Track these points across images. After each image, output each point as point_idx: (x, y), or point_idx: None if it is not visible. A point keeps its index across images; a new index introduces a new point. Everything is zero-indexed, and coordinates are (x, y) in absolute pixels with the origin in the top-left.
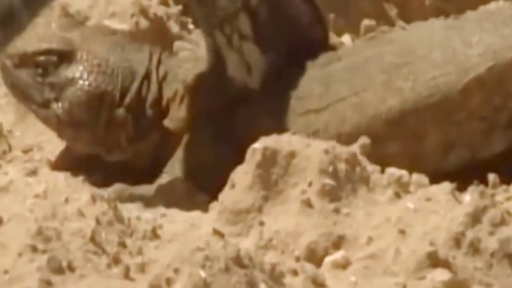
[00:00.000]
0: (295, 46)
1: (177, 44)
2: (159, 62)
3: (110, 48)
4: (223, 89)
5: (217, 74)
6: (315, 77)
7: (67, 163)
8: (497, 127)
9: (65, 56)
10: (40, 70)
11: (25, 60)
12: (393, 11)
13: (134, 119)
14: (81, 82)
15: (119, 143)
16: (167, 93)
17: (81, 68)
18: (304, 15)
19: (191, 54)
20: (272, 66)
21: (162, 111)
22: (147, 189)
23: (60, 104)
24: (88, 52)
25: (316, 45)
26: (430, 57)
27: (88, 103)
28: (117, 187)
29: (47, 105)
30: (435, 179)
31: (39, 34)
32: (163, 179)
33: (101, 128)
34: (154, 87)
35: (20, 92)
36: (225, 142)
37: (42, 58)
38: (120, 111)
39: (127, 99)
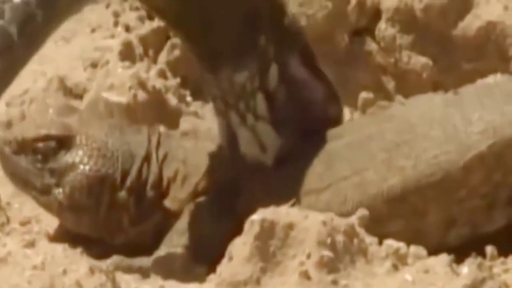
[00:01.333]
0: (310, 126)
1: (182, 120)
2: (158, 143)
3: (108, 131)
4: (233, 166)
5: (228, 151)
6: (317, 155)
7: (65, 235)
8: (498, 203)
9: (64, 142)
10: (39, 156)
11: (24, 147)
12: (390, 84)
13: (136, 201)
14: (81, 166)
15: (122, 226)
16: (168, 173)
17: (80, 152)
18: (319, 94)
19: (192, 132)
20: (286, 146)
21: (163, 192)
22: (145, 261)
23: (61, 190)
24: (86, 137)
25: (331, 123)
26: (430, 134)
27: (90, 187)
28: (115, 259)
29: (48, 191)
30: (432, 251)
31: (36, 119)
32: (161, 251)
33: (103, 212)
34: (154, 168)
35: (20, 179)
36: (225, 217)
37: (41, 144)
38: (122, 194)
39: (128, 182)
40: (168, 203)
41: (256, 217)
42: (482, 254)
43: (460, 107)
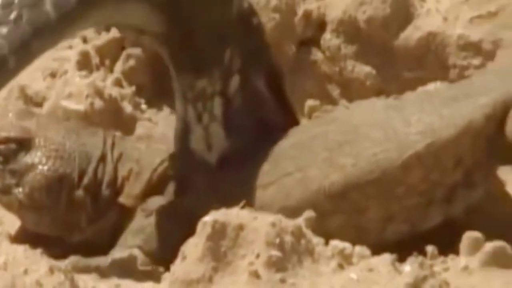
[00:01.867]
0: (261, 131)
1: (137, 125)
2: (113, 144)
3: (65, 134)
4: (181, 162)
5: (178, 145)
6: (264, 156)
7: (26, 236)
8: (435, 201)
9: (23, 144)
10: (0, 158)
11: None
12: (335, 92)
13: (92, 199)
14: (40, 167)
15: (79, 224)
16: (122, 172)
17: (39, 154)
18: (277, 117)
19: (145, 136)
20: (232, 148)
21: (117, 190)
22: (102, 261)
23: (21, 189)
24: (45, 139)
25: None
26: (371, 135)
27: (48, 186)
28: (73, 259)
29: (9, 191)
30: (376, 250)
31: None
32: (117, 251)
33: (61, 210)
34: (109, 168)
35: None
36: (177, 215)
37: (1, 146)
38: (79, 193)
39: (85, 181)
40: (123, 200)
41: (208, 218)
42: (423, 253)
43: (400, 111)
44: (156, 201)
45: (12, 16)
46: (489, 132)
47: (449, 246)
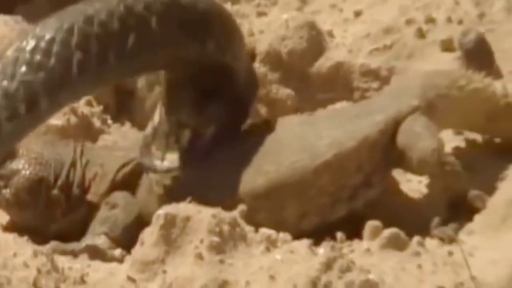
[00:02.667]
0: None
1: (103, 137)
2: (81, 153)
3: (43, 145)
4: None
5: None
6: (209, 163)
7: (15, 227)
8: (340, 199)
9: (10, 154)
10: None
11: None
12: (263, 109)
13: (65, 197)
14: (23, 172)
15: (55, 217)
16: (89, 175)
17: (22, 161)
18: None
19: (109, 145)
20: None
21: (85, 189)
22: (76, 246)
23: (8, 190)
24: (27, 149)
25: None
26: (290, 146)
27: (30, 187)
28: (53, 244)
29: None
30: (296, 236)
31: None
32: (87, 238)
33: (40, 206)
34: (79, 172)
35: None
36: (134, 207)
37: None
38: (55, 192)
39: (59, 182)
40: (90, 197)
41: (161, 211)
42: (334, 238)
43: (313, 125)
44: (118, 196)
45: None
46: (383, 143)
47: (354, 233)
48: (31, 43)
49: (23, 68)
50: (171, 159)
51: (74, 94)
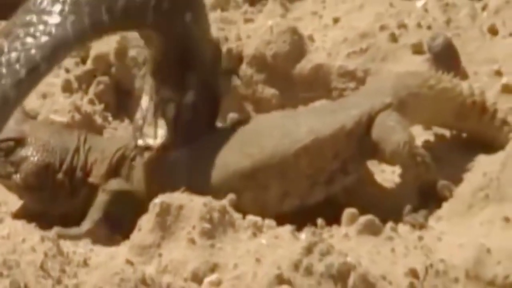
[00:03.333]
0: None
1: (104, 132)
2: (85, 140)
3: (50, 134)
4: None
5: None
6: (195, 150)
7: (24, 214)
8: (318, 182)
9: (20, 142)
10: (2, 153)
11: None
12: (250, 107)
13: (69, 180)
14: (31, 158)
15: (60, 200)
16: (91, 159)
17: (31, 149)
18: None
19: (109, 136)
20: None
21: (87, 173)
22: (78, 230)
23: (18, 175)
24: (35, 138)
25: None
26: (271, 133)
27: (37, 172)
28: (57, 229)
29: (9, 176)
30: (279, 222)
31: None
32: (86, 222)
33: (47, 189)
34: (82, 157)
35: None
36: (128, 193)
37: (3, 144)
38: (60, 176)
39: (64, 167)
40: (92, 179)
41: (157, 200)
42: (315, 225)
43: (293, 118)
44: (114, 183)
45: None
46: (359, 134)
47: (333, 219)
48: (28, 17)
49: (21, 35)
50: (162, 135)
51: (70, 51)
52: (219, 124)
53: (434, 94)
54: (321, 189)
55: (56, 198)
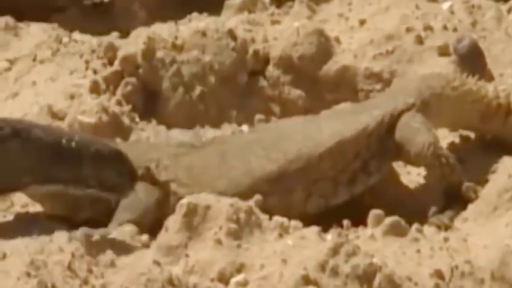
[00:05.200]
0: None
1: (132, 134)
2: None
3: None
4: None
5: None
6: (212, 152)
7: (51, 215)
8: (341, 183)
9: None
10: None
11: None
12: (276, 109)
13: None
14: None
15: (83, 206)
16: None
17: None
18: None
19: (137, 139)
20: None
21: None
22: (105, 231)
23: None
24: None
25: None
26: (294, 138)
27: None
28: (83, 229)
29: None
30: (305, 224)
31: None
32: (113, 224)
33: (71, 197)
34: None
35: None
36: (154, 193)
37: None
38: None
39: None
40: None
41: (184, 201)
42: (341, 226)
43: (315, 122)
44: (138, 185)
45: None
46: (380, 134)
47: (359, 221)
48: None
49: None
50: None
51: None
52: (245, 125)
53: (457, 95)
54: (344, 189)
55: (79, 206)
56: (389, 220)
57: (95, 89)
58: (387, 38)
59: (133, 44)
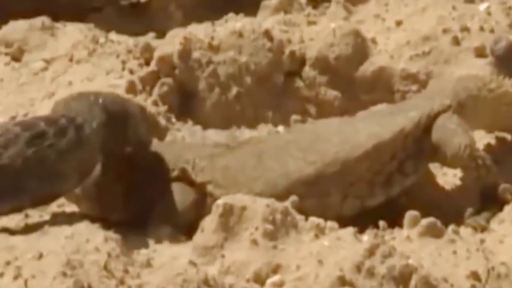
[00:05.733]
0: None
1: (168, 134)
2: None
3: None
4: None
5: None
6: (248, 153)
7: (87, 215)
8: (377, 184)
9: None
10: None
11: None
12: (312, 110)
13: (127, 190)
14: None
15: (117, 208)
16: None
17: None
18: None
19: (173, 140)
20: None
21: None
22: (141, 232)
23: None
24: None
25: None
26: (331, 140)
27: (96, 183)
28: (120, 230)
29: None
30: (341, 225)
31: None
32: (151, 226)
33: (106, 200)
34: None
35: None
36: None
37: None
38: (117, 186)
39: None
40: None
41: (220, 201)
42: (377, 227)
43: (352, 123)
44: (174, 186)
45: None
46: (417, 135)
47: (395, 222)
48: None
49: None
50: None
51: None
52: (281, 126)
53: (493, 97)
54: (380, 191)
55: (114, 207)
56: (425, 221)
57: (131, 89)
58: (423, 39)
59: (169, 44)
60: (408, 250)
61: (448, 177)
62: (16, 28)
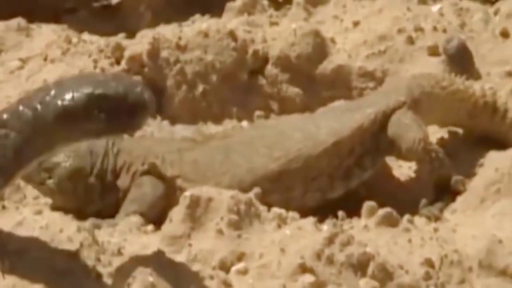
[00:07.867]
0: None
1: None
2: (113, 144)
3: None
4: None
5: None
6: (216, 148)
7: (60, 207)
8: (337, 178)
9: None
10: None
11: None
12: (275, 106)
13: (101, 182)
14: (64, 164)
15: (93, 200)
16: (119, 163)
17: (63, 155)
18: None
19: (142, 135)
20: None
21: (116, 175)
22: (111, 222)
23: (52, 181)
24: None
25: None
26: (294, 136)
27: (70, 177)
28: (92, 220)
29: (43, 182)
30: (302, 215)
31: None
32: (120, 215)
33: (80, 191)
34: (111, 160)
35: (25, 175)
36: (160, 187)
37: None
38: (92, 179)
39: (95, 171)
40: (119, 183)
41: (187, 193)
42: (336, 217)
43: (313, 120)
44: (145, 179)
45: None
46: (374, 131)
47: (354, 212)
48: None
49: None
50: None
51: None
52: (246, 121)
53: (446, 94)
54: (340, 184)
55: (89, 200)
56: (381, 211)
57: None
58: (379, 38)
59: (139, 44)
60: (365, 238)
61: (403, 170)
62: None
